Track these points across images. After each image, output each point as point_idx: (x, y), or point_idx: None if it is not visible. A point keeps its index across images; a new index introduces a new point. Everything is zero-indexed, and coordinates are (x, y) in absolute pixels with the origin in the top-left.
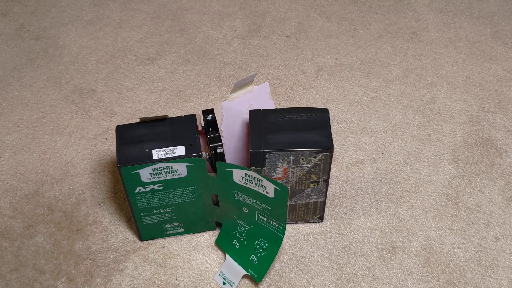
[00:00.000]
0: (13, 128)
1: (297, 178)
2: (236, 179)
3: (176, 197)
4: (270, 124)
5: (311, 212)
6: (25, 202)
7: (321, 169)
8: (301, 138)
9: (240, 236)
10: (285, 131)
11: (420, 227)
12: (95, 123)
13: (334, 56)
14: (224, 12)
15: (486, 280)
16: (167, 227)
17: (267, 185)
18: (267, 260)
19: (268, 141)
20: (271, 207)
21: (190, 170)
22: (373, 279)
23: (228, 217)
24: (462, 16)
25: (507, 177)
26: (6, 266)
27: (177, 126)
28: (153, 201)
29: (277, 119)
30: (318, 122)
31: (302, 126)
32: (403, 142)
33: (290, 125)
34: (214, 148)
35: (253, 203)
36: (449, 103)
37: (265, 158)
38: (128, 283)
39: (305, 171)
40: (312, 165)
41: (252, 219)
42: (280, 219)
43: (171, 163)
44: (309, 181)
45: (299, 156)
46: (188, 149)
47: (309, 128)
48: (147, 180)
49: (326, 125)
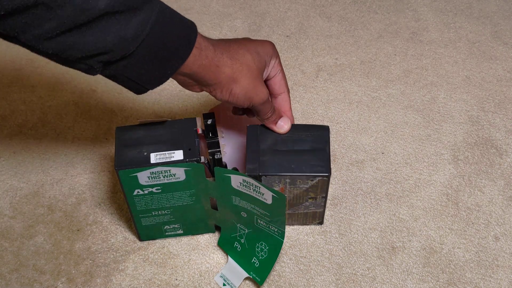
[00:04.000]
0: (13, 128)
1: (294, 195)
2: (234, 184)
3: (174, 200)
4: (267, 143)
5: (310, 218)
6: (25, 202)
7: (318, 189)
8: (299, 161)
9: (240, 239)
10: (282, 152)
11: (420, 227)
12: (95, 123)
13: (334, 56)
14: (224, 12)
15: (486, 280)
16: (166, 228)
17: (265, 192)
18: (268, 263)
19: (265, 164)
20: (269, 213)
21: (188, 174)
22: (373, 279)
23: (227, 221)
24: (462, 16)
25: (507, 177)
26: (6, 266)
27: (177, 130)
28: (151, 203)
29: (276, 137)
30: (317, 141)
31: (300, 147)
32: (403, 142)
33: (288, 145)
34: (212, 154)
35: (251, 208)
36: (449, 103)
37: (261, 180)
38: (128, 283)
39: (302, 190)
40: (309, 186)
41: (251, 223)
42: (279, 224)
43: (169, 167)
44: (307, 197)
45: (296, 179)
46: (187, 153)
47: (307, 150)
48: (145, 183)
49: (325, 146)
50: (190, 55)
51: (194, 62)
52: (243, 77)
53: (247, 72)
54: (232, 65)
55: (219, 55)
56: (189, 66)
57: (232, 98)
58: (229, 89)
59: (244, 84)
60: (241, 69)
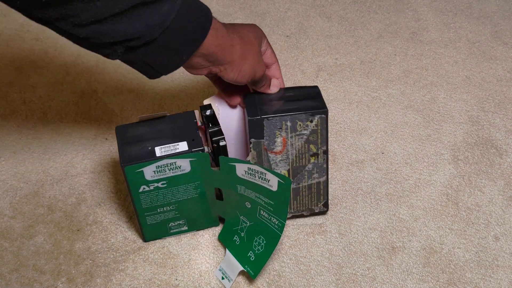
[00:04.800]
0: (13, 128)
1: (296, 150)
2: (239, 173)
3: (179, 194)
4: (264, 99)
5: (315, 197)
6: (25, 202)
7: (318, 136)
8: (296, 105)
9: (241, 232)
10: (279, 102)
11: (420, 227)
12: (95, 123)
13: (334, 56)
14: (224, 12)
15: (486, 280)
16: (171, 225)
17: (271, 178)
18: (263, 257)
19: (264, 110)
20: (273, 202)
21: (194, 165)
22: (373, 279)
23: (231, 212)
24: (462, 16)
25: (507, 177)
26: (6, 266)
27: (177, 123)
28: (156, 200)
29: (271, 95)
30: (310, 94)
31: (296, 97)
32: (403, 142)
33: (284, 98)
34: (217, 141)
35: (256, 197)
36: (449, 103)
37: (263, 126)
38: (128, 283)
39: (303, 140)
40: (309, 132)
41: (254, 215)
42: (280, 215)
43: (175, 159)
44: (308, 154)
45: (296, 122)
46: (191, 144)
47: (302, 99)
48: (150, 178)
49: (318, 95)
50: (208, 35)
51: (212, 42)
52: (250, 55)
53: (253, 49)
54: (241, 43)
55: (231, 35)
56: (207, 47)
57: (241, 75)
58: (240, 66)
59: (251, 60)
60: (249, 47)
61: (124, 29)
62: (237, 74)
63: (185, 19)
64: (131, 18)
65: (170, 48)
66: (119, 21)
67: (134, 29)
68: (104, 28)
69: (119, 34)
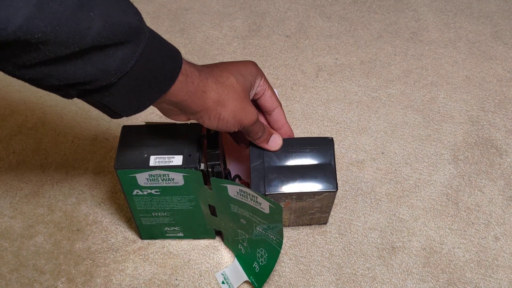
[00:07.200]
0: (13, 128)
1: (301, 206)
2: (231, 193)
3: (174, 204)
4: (272, 160)
5: (315, 222)
6: (25, 202)
7: (325, 201)
8: (304, 178)
9: (243, 242)
10: (287, 168)
11: (420, 227)
12: (95, 123)
13: (334, 56)
14: (224, 12)
15: (486, 280)
16: (167, 230)
17: (262, 201)
18: (266, 270)
19: (270, 183)
20: (267, 221)
21: (187, 180)
22: (373, 279)
23: (227, 226)
24: (462, 16)
25: (507, 177)
26: (6, 266)
27: (181, 135)
28: (151, 204)
29: (280, 153)
30: (322, 156)
31: (305, 162)
32: (403, 142)
33: (293, 160)
34: (212, 166)
35: (250, 216)
36: (449, 103)
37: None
38: (128, 283)
39: (308, 203)
40: (316, 200)
41: (250, 230)
42: (276, 233)
43: (168, 171)
44: (313, 207)
45: (302, 196)
46: (186, 159)
47: (312, 166)
48: (144, 184)
49: (330, 161)
50: (176, 81)
51: (181, 88)
52: (229, 100)
53: (233, 94)
54: (217, 89)
55: (204, 80)
56: (175, 94)
57: (221, 123)
58: (217, 114)
59: (231, 107)
60: (226, 92)
61: (74, 72)
62: (217, 122)
63: (150, 63)
64: (81, 62)
65: (132, 93)
66: (68, 64)
67: (85, 73)
68: (50, 70)
69: (67, 77)
